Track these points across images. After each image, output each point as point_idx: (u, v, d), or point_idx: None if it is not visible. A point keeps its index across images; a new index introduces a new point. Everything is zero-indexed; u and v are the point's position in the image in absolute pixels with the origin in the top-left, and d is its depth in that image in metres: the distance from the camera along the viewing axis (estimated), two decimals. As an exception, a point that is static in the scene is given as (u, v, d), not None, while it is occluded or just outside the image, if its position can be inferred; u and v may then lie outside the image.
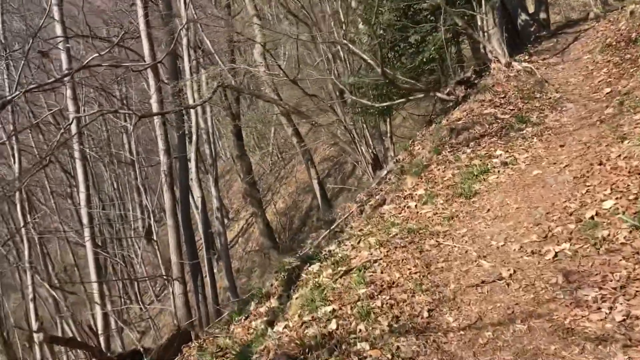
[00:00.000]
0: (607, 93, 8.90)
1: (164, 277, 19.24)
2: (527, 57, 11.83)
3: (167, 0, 17.00)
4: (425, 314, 4.61)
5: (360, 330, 4.49)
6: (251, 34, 17.50)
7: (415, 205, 6.96)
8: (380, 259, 5.63)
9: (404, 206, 7.11)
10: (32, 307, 18.02)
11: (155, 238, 22.21)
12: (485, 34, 11.15)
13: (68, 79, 12.77)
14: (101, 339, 12.42)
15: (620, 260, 4.34)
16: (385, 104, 10.72)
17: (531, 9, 16.09)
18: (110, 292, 23.36)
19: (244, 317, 6.47)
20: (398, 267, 5.45)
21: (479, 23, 11.37)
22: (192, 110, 17.56)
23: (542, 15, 14.68)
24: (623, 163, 5.81)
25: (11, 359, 12.09)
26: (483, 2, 11.14)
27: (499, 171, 7.07)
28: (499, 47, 10.96)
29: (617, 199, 5.24)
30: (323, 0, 13.38)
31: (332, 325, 4.65)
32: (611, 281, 4.25)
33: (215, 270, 23.87)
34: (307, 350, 4.38)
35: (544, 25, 14.65)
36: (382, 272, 5.39)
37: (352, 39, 10.35)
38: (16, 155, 17.95)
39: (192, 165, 18.69)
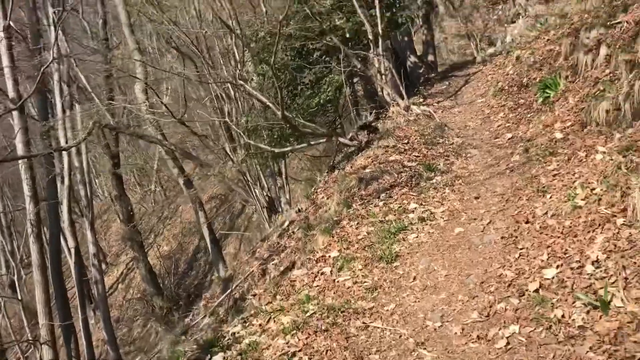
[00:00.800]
0: (509, 139, 8.66)
1: (30, 341, 16.49)
2: (422, 100, 11.55)
3: (35, 31, 14.95)
4: None
5: None
6: (132, 69, 15.86)
7: (331, 272, 6.00)
8: (300, 349, 4.55)
9: (318, 272, 6.12)
10: None
11: (20, 297, 19.20)
12: (383, 76, 10.69)
13: None
14: None
15: (587, 352, 3.65)
16: (285, 149, 9.78)
17: (419, 52, 16.18)
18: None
19: None
20: (322, 360, 4.42)
21: (375, 65, 10.91)
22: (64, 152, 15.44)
23: (430, 57, 14.73)
24: (553, 222, 5.29)
25: None
26: (380, 43, 10.71)
27: (417, 228, 6.34)
28: (396, 90, 10.52)
29: (558, 266, 4.64)
30: (213, 37, 12.26)
31: None
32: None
33: (92, 322, 21.26)
34: None
35: (432, 68, 14.68)
36: (303, 370, 4.32)
37: (244, 78, 9.38)
38: None
39: (64, 211, 16.42)
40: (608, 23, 8.20)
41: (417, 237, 6.14)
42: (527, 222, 5.60)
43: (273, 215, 14.57)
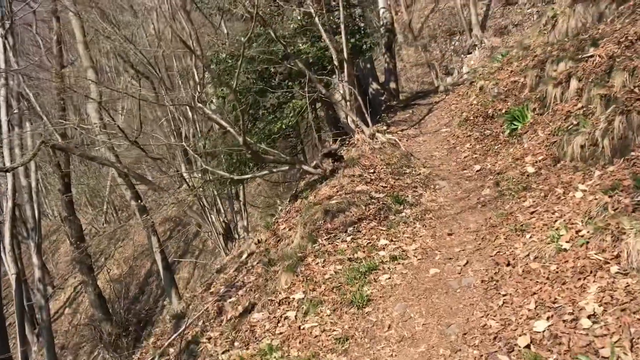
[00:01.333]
0: (477, 171, 8.28)
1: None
2: (386, 128, 11.13)
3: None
4: None
5: None
6: (86, 87, 14.89)
7: (296, 317, 5.33)
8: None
9: (281, 316, 5.44)
10: None
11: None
12: (347, 102, 10.21)
13: None
14: None
15: None
16: (245, 176, 9.09)
17: (381, 79, 15.88)
18: None
19: None
20: None
21: (340, 91, 10.43)
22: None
23: (392, 85, 14.43)
24: (537, 266, 4.81)
25: None
26: (345, 68, 10.25)
27: (389, 268, 5.76)
28: (361, 117, 10.05)
29: (548, 318, 4.14)
30: (172, 57, 11.54)
31: None
32: None
33: (34, 349, 19.73)
34: None
35: (394, 95, 14.37)
36: None
37: (203, 100, 8.69)
38: None
39: (6, 236, 15.10)
40: (577, 56, 7.99)
41: (389, 278, 5.55)
42: (508, 265, 5.11)
43: (229, 242, 13.79)
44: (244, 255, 8.61)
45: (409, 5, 26.88)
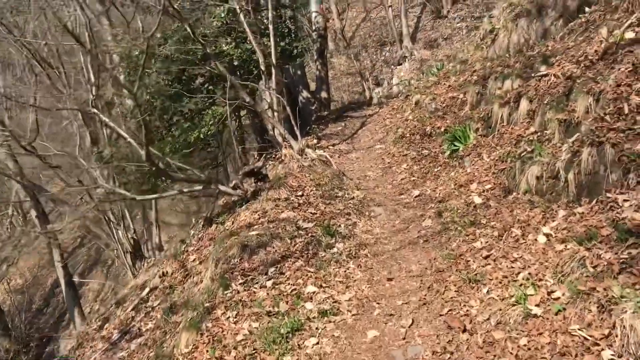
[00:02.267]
0: (416, 196, 7.22)
1: None
2: (316, 142, 9.92)
3: None
4: None
5: None
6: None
7: (194, 400, 3.95)
8: None
9: (174, 399, 4.04)
10: None
11: None
12: (275, 113, 8.91)
13: None
14: None
15: None
16: (148, 197, 7.55)
17: (312, 87, 14.68)
18: None
19: None
20: None
21: (267, 99, 9.11)
22: None
23: (323, 94, 13.27)
24: (502, 336, 3.73)
25: None
26: (273, 75, 8.95)
27: (318, 328, 4.50)
28: (290, 129, 8.78)
29: (526, 422, 3.04)
30: (68, 53, 9.74)
31: None
32: None
33: None
34: None
35: (325, 105, 13.22)
36: None
37: (97, 105, 7.13)
38: None
39: None
40: (525, 74, 7.12)
41: (317, 343, 4.29)
42: (464, 331, 4.00)
43: (138, 262, 12.09)
44: (146, 290, 7.09)
45: (341, 12, 25.97)
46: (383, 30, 24.72)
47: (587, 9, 6.95)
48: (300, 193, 7.31)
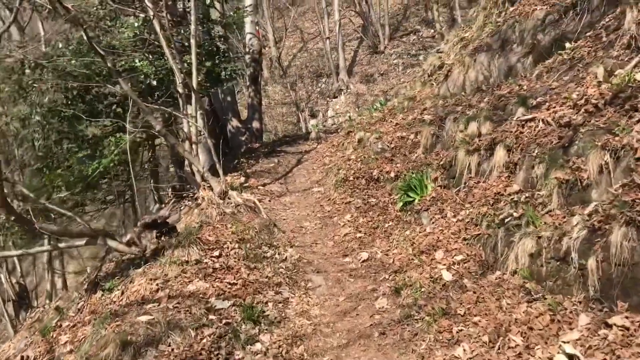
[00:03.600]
0: (364, 261, 5.54)
1: None
2: (244, 181, 8.09)
3: None
4: None
5: None
6: None
7: None
8: None
9: None
10: None
11: None
12: (193, 145, 7.02)
13: None
14: None
15: None
16: (9, 253, 5.36)
17: (243, 116, 12.84)
18: None
19: None
20: None
21: (185, 128, 7.20)
22: None
23: (255, 124, 11.48)
24: None
25: None
26: (193, 100, 7.09)
27: None
28: (211, 166, 6.91)
29: None
30: None
31: None
32: None
33: None
34: None
35: (257, 136, 11.43)
36: None
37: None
38: None
39: None
40: (496, 116, 5.73)
41: None
42: None
43: (24, 312, 9.58)
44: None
45: (278, 41, 24.50)
46: (320, 62, 23.47)
47: (567, 45, 5.68)
48: (217, 253, 5.43)
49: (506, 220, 4.38)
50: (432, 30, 20.66)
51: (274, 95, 23.00)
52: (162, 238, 5.55)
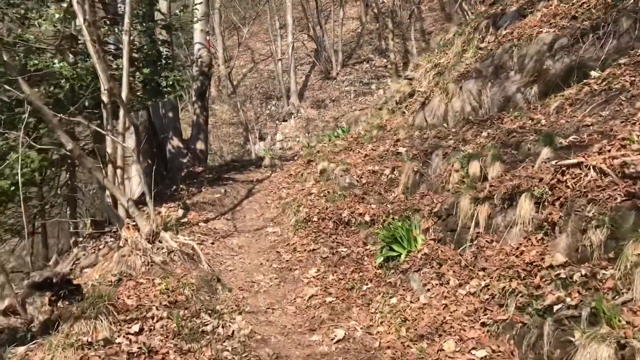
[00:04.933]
0: (338, 341, 3.95)
1: None
2: (182, 214, 6.34)
3: None
4: None
5: None
6: None
7: None
8: None
9: None
10: None
11: None
12: (117, 170, 5.24)
13: None
14: None
15: None
16: None
17: (185, 135, 11.01)
18: None
19: None
20: None
21: (108, 149, 5.39)
22: None
23: (200, 145, 9.71)
24: None
25: None
26: (122, 113, 5.32)
27: None
28: (141, 193, 5.15)
29: None
30: None
31: None
32: None
33: None
34: None
35: (201, 159, 9.65)
36: None
37: None
38: None
39: None
40: (506, 156, 4.41)
41: None
42: None
43: None
44: None
45: (227, 60, 22.82)
46: (270, 84, 21.97)
47: (594, 73, 4.49)
48: (136, 327, 3.67)
49: (556, 309, 2.97)
50: (385, 60, 19.74)
51: (221, 114, 21.19)
52: (59, 303, 3.73)
